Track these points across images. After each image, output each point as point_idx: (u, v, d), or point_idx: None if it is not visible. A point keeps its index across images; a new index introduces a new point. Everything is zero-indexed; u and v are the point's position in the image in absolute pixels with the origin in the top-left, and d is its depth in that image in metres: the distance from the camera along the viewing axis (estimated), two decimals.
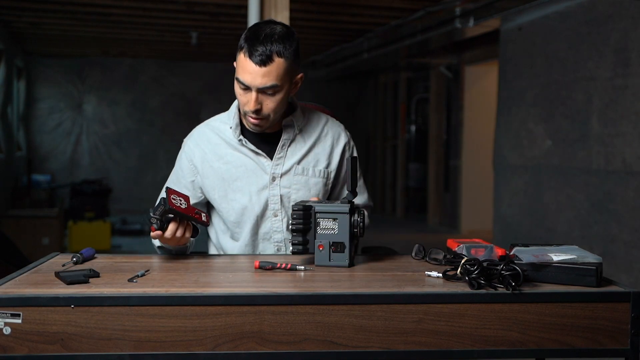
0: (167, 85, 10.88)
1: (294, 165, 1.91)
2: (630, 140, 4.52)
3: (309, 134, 1.95)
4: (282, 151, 1.91)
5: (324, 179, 1.94)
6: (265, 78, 1.74)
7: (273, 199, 1.89)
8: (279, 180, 1.89)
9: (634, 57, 4.48)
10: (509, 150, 6.17)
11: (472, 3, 5.62)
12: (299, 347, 1.37)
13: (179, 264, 1.71)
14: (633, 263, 4.46)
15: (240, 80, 1.77)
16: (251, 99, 1.77)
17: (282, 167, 1.90)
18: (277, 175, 1.89)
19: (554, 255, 1.53)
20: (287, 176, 1.90)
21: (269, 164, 1.89)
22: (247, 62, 1.74)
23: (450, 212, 8.94)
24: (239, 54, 1.77)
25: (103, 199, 8.34)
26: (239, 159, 1.90)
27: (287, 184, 1.90)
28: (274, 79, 1.75)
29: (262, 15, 4.36)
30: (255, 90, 1.76)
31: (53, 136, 10.47)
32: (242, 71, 1.76)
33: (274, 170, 1.89)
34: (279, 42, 1.74)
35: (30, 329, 1.32)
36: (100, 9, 6.46)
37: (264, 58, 1.73)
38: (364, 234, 1.69)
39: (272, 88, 1.77)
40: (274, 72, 1.75)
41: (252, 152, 1.90)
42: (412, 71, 9.96)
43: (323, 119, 2.01)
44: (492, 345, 1.41)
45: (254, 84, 1.75)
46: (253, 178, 1.88)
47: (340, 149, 1.99)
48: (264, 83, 1.75)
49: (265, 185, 1.89)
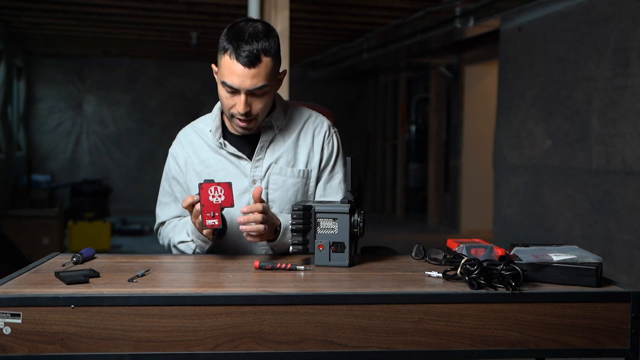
0: (167, 85, 10.88)
1: (272, 165, 1.87)
2: (630, 140, 4.52)
3: (289, 133, 1.90)
4: (260, 153, 1.87)
5: (303, 179, 1.90)
6: (255, 79, 1.71)
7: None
8: (259, 182, 1.86)
9: (634, 57, 4.48)
10: (509, 150, 6.17)
11: (472, 3, 5.62)
12: (299, 347, 1.37)
13: (179, 264, 1.71)
14: (633, 263, 4.46)
15: (227, 83, 1.72)
16: (240, 102, 1.74)
17: (261, 170, 1.87)
18: (257, 178, 1.86)
19: (554, 255, 1.53)
20: (266, 177, 1.87)
21: (249, 166, 1.87)
22: (234, 63, 1.70)
23: (450, 212, 8.94)
24: (222, 56, 1.73)
25: (103, 199, 8.33)
26: (219, 162, 1.88)
27: (265, 184, 1.87)
28: (263, 79, 1.72)
29: (262, 15, 4.36)
30: (244, 92, 1.72)
31: (53, 136, 10.48)
32: (228, 74, 1.71)
33: (254, 173, 1.86)
34: (264, 41, 1.71)
35: (30, 329, 1.32)
36: (100, 9, 6.46)
37: (252, 59, 1.69)
38: (364, 234, 1.69)
39: (262, 88, 1.73)
40: (263, 72, 1.71)
41: (232, 156, 1.87)
42: (412, 71, 9.96)
43: (305, 115, 1.95)
44: (491, 345, 1.41)
45: (244, 86, 1.71)
46: (235, 182, 1.82)
47: (319, 143, 1.92)
48: (254, 84, 1.71)
49: (246, 189, 1.86)
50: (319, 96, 10.74)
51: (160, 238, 2.01)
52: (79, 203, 7.83)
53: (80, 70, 10.51)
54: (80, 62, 10.46)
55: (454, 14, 5.85)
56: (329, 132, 1.95)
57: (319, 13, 6.48)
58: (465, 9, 5.73)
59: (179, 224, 1.91)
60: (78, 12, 6.65)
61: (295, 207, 1.66)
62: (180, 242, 1.87)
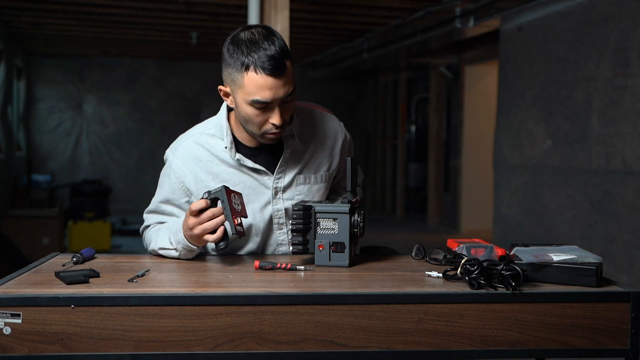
0: (167, 85, 10.88)
1: (296, 176, 1.81)
2: (630, 140, 4.52)
3: (306, 138, 1.84)
4: (283, 165, 1.80)
5: (327, 182, 1.88)
6: (286, 86, 1.63)
7: (277, 213, 1.81)
8: (281, 194, 1.81)
9: (634, 57, 4.48)
10: (509, 150, 6.17)
11: (472, 3, 5.62)
12: (299, 347, 1.37)
13: (179, 264, 1.71)
14: (633, 263, 4.46)
15: (260, 100, 1.62)
16: (275, 114, 1.64)
17: (284, 181, 1.80)
18: (280, 189, 1.80)
19: (554, 255, 1.53)
20: (290, 189, 1.81)
21: (270, 179, 1.79)
22: (262, 77, 1.59)
23: (450, 212, 8.94)
24: (244, 74, 1.61)
25: (103, 199, 8.33)
26: (236, 176, 1.78)
27: (290, 195, 1.81)
28: (291, 83, 1.65)
29: (262, 15, 4.36)
30: (277, 104, 1.64)
31: (53, 136, 10.48)
32: (258, 90, 1.61)
33: (276, 184, 1.80)
34: (279, 43, 1.63)
35: (30, 329, 1.32)
36: (100, 9, 6.46)
37: (279, 66, 1.60)
38: (364, 234, 1.69)
39: (292, 94, 1.66)
40: (290, 76, 1.64)
41: (251, 170, 1.79)
42: (412, 71, 9.96)
43: (316, 117, 1.90)
44: (491, 345, 1.41)
45: (277, 97, 1.62)
46: (254, 196, 1.78)
47: (339, 146, 1.91)
48: (286, 92, 1.64)
49: (268, 201, 1.80)
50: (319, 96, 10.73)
51: (144, 242, 1.91)
52: (79, 203, 7.83)
53: (80, 70, 10.50)
54: (80, 62, 10.46)
55: (454, 14, 5.85)
56: (345, 133, 1.95)
57: (319, 13, 6.48)
58: (465, 9, 5.73)
59: (162, 228, 1.82)
60: (78, 12, 6.65)
61: (295, 207, 1.66)
62: (161, 248, 1.77)
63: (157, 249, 1.79)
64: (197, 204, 1.62)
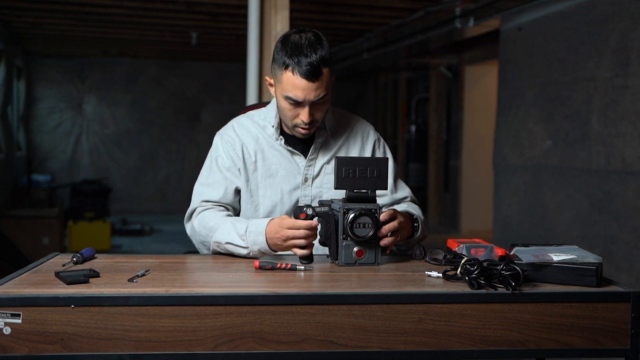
0: (167, 85, 10.88)
1: (324, 166, 1.95)
2: (630, 140, 4.52)
3: (338, 134, 1.99)
4: (314, 152, 1.95)
5: None
6: (318, 91, 1.79)
7: (304, 199, 1.93)
8: (310, 181, 1.94)
9: (634, 57, 4.48)
10: (509, 150, 6.17)
11: (472, 3, 5.62)
12: (299, 347, 1.37)
13: (179, 264, 1.72)
14: (633, 263, 4.46)
15: (292, 97, 1.79)
16: (305, 113, 1.81)
17: (314, 169, 1.94)
18: (310, 177, 1.94)
19: (554, 255, 1.53)
20: (319, 177, 1.95)
21: (302, 163, 1.94)
22: (297, 79, 1.77)
23: (450, 212, 8.94)
24: (283, 72, 1.78)
25: (103, 199, 8.32)
26: (275, 156, 1.94)
27: (319, 184, 1.94)
28: (325, 89, 1.80)
29: (262, 15, 4.36)
30: (307, 104, 1.80)
31: (53, 136, 10.48)
32: (292, 88, 1.78)
33: (307, 171, 1.94)
34: (321, 51, 1.78)
35: (30, 329, 1.32)
36: (100, 9, 6.46)
37: (315, 72, 1.76)
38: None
39: (323, 98, 1.81)
40: (324, 83, 1.79)
41: (288, 152, 1.94)
42: (412, 71, 9.96)
43: (351, 119, 2.06)
44: (492, 345, 1.41)
45: (308, 99, 1.79)
46: (287, 177, 1.93)
47: (370, 146, 2.03)
48: (318, 95, 1.79)
49: (297, 186, 1.93)
50: None
51: (192, 224, 1.91)
52: (79, 203, 7.82)
53: (80, 70, 10.50)
54: (80, 62, 10.45)
55: (454, 14, 5.85)
56: (378, 136, 2.07)
57: (319, 13, 6.48)
58: (465, 9, 5.73)
59: (226, 220, 1.83)
60: (78, 12, 6.65)
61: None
62: (228, 242, 1.78)
63: (224, 242, 1.79)
64: (305, 224, 1.66)
